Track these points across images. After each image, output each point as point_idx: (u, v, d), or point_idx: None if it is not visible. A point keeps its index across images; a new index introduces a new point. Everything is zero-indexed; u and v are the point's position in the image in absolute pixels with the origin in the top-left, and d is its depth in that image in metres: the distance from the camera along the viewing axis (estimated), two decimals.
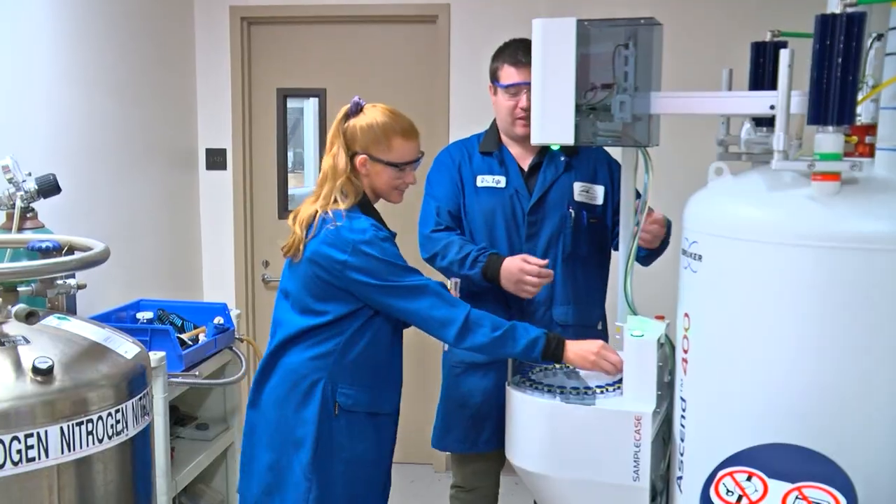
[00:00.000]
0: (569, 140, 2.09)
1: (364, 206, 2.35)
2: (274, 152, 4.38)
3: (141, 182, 3.78)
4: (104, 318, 2.87)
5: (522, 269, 2.54)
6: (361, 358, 2.34)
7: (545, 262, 2.56)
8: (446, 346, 2.70)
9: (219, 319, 3.21)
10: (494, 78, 2.75)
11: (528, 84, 2.56)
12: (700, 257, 1.87)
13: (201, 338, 3.14)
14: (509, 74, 2.70)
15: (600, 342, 2.32)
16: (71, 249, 2.08)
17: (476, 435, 2.82)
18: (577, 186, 2.75)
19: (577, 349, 2.28)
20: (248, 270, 4.42)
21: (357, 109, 2.35)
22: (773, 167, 1.78)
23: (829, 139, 1.71)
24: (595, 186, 2.77)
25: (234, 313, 3.30)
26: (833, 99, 1.68)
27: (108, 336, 1.92)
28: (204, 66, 4.28)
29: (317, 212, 2.31)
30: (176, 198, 4.13)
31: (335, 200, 2.31)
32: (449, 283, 2.51)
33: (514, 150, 2.80)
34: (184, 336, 3.06)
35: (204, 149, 4.34)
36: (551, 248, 2.73)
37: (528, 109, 2.61)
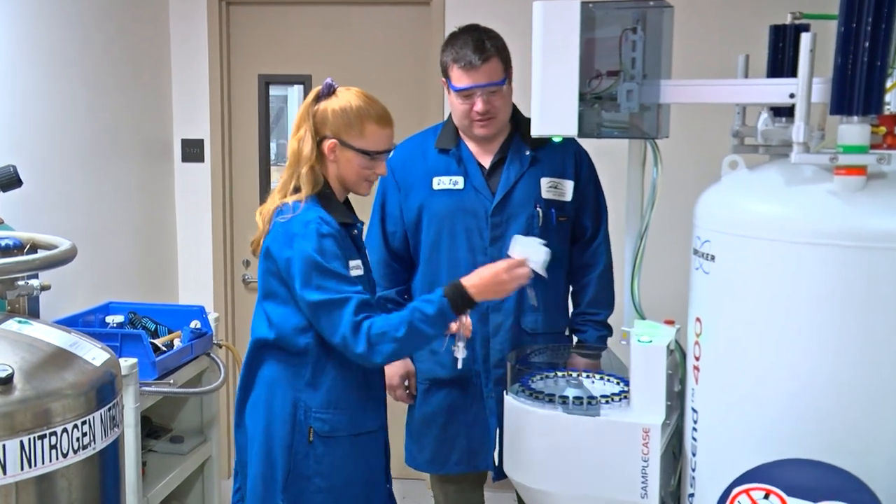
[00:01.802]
0: (572, 132, 2.09)
1: (325, 196, 2.32)
2: (255, 143, 4.37)
3: (111, 175, 3.76)
4: (70, 322, 2.85)
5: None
6: (337, 375, 2.31)
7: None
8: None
9: (195, 323, 3.19)
10: (446, 75, 2.72)
11: (482, 86, 2.61)
12: (713, 257, 1.87)
13: (176, 343, 3.12)
14: (460, 78, 2.66)
15: (498, 263, 2.27)
16: (34, 247, 2.06)
17: (445, 456, 2.84)
18: (545, 182, 2.75)
19: (482, 283, 2.23)
20: (228, 271, 4.40)
21: (329, 91, 2.33)
22: (793, 160, 1.77)
23: (853, 130, 1.71)
24: (564, 181, 2.77)
25: (212, 317, 3.29)
26: (859, 86, 1.68)
27: (75, 341, 1.91)
28: (179, 49, 4.26)
29: (277, 204, 2.30)
30: (149, 192, 4.11)
31: (295, 190, 2.30)
32: None
33: (474, 146, 2.78)
34: (157, 341, 3.05)
35: (179, 139, 4.31)
36: None
37: (484, 113, 2.64)
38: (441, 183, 2.76)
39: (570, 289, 2.89)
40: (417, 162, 2.81)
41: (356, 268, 2.30)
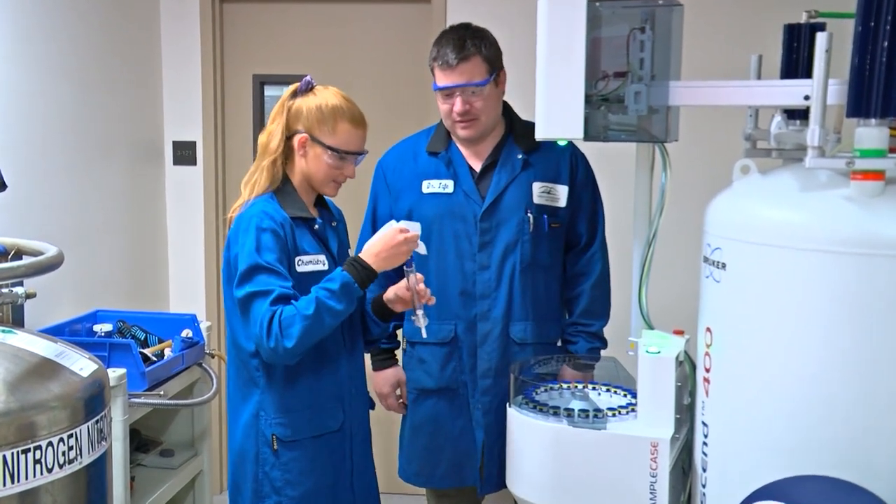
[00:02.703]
0: (577, 135, 2.08)
1: (283, 192, 2.37)
2: (250, 145, 4.35)
3: (99, 178, 3.76)
4: (56, 332, 2.85)
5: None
6: (288, 376, 2.35)
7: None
8: None
9: (187, 332, 3.19)
10: (432, 73, 2.75)
11: (460, 86, 2.63)
12: (724, 265, 1.86)
13: (167, 353, 3.12)
14: (439, 77, 2.69)
15: (389, 228, 2.33)
16: (18, 253, 2.07)
17: (431, 469, 2.85)
18: (537, 187, 2.75)
19: (376, 250, 2.30)
20: (220, 278, 4.39)
21: (307, 88, 2.40)
22: (807, 165, 1.77)
23: (871, 133, 1.70)
24: (557, 186, 2.77)
25: (204, 325, 3.28)
26: (877, 88, 1.67)
27: (61, 351, 1.90)
28: (171, 48, 4.26)
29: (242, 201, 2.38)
30: (139, 196, 4.11)
31: (255, 182, 2.37)
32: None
33: (465, 148, 2.80)
34: (147, 351, 3.05)
35: (171, 141, 4.31)
36: (508, 257, 2.74)
37: (463, 113, 2.66)
38: (431, 186, 2.78)
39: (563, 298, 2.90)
40: (408, 164, 2.83)
41: (311, 262, 2.34)
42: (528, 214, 2.72)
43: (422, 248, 2.44)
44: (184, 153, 4.32)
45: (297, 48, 4.29)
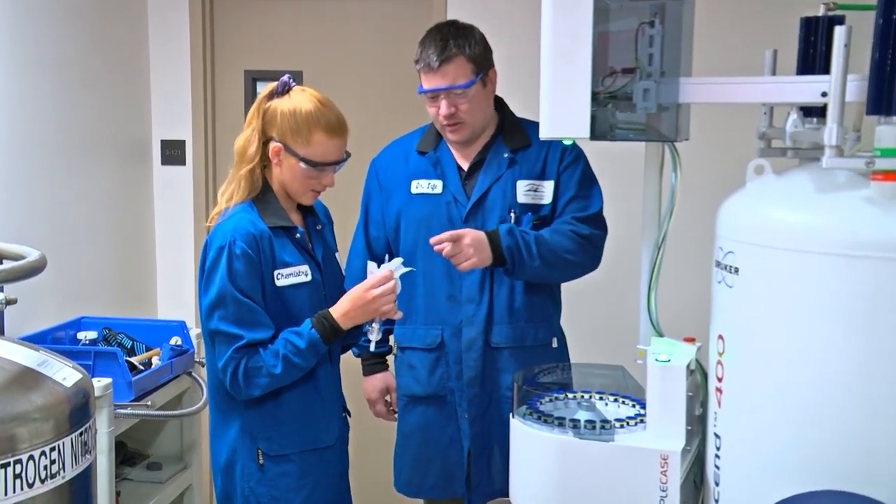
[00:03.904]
0: (584, 134, 2.08)
1: (262, 200, 2.37)
2: None
3: (84, 178, 3.76)
4: (39, 339, 2.85)
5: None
6: (281, 388, 2.35)
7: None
8: None
9: (176, 340, 3.20)
10: (418, 74, 2.76)
11: (444, 89, 2.65)
12: (736, 270, 1.86)
13: (155, 361, 3.12)
14: (423, 79, 2.72)
15: (362, 284, 2.37)
16: None
17: (421, 479, 2.88)
18: (522, 185, 2.77)
19: (348, 310, 2.34)
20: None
21: (284, 90, 2.37)
22: (825, 165, 1.76)
23: (892, 132, 1.70)
24: (543, 182, 2.79)
25: (193, 333, 3.28)
26: None
27: (43, 360, 1.90)
28: (159, 42, 4.26)
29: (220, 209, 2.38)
30: (126, 197, 4.11)
31: (233, 192, 2.37)
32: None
33: (455, 147, 2.82)
34: (134, 360, 3.05)
35: (159, 140, 4.32)
36: None
37: (450, 116, 2.68)
38: (419, 187, 2.81)
39: (552, 298, 2.90)
40: (399, 164, 2.86)
41: (292, 275, 2.35)
42: (511, 214, 2.74)
43: (404, 270, 2.47)
44: (172, 152, 4.32)
45: (291, 43, 4.29)
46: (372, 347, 2.45)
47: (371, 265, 2.45)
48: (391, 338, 2.96)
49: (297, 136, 2.33)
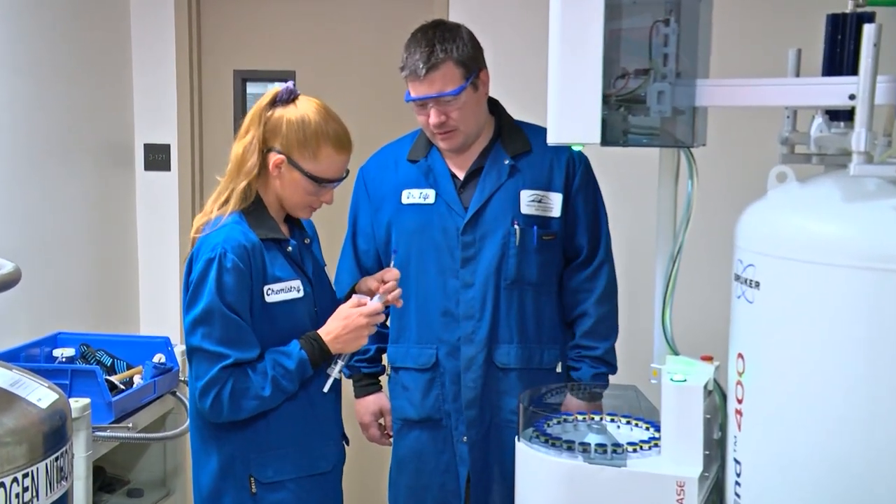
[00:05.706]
0: (594, 139, 2.08)
1: (253, 212, 2.36)
2: (230, 149, 4.36)
3: (61, 185, 3.76)
4: (11, 357, 2.85)
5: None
6: (275, 409, 2.34)
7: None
8: None
9: (159, 357, 3.20)
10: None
11: (431, 98, 2.65)
12: (757, 284, 1.86)
13: (136, 380, 3.12)
14: (410, 87, 2.71)
15: (357, 308, 2.38)
16: None
17: None
18: (526, 195, 2.76)
19: (338, 334, 2.35)
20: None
21: (290, 97, 2.36)
22: (852, 172, 1.76)
23: None
24: (550, 194, 2.77)
25: (178, 350, 3.28)
26: None
27: (16, 379, 1.90)
28: (142, 41, 4.27)
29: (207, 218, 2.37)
30: (106, 204, 4.11)
31: (225, 202, 2.36)
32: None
33: (449, 156, 2.81)
34: (114, 378, 3.04)
35: (142, 144, 4.33)
36: (492, 273, 2.74)
37: (440, 125, 2.68)
38: (410, 197, 2.79)
39: (565, 319, 2.90)
40: (389, 173, 2.85)
41: (283, 290, 2.34)
42: (515, 226, 2.73)
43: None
44: (156, 157, 4.33)
45: (283, 41, 4.30)
46: (326, 388, 2.41)
47: (363, 298, 2.45)
48: (384, 357, 2.95)
49: (304, 150, 2.32)
